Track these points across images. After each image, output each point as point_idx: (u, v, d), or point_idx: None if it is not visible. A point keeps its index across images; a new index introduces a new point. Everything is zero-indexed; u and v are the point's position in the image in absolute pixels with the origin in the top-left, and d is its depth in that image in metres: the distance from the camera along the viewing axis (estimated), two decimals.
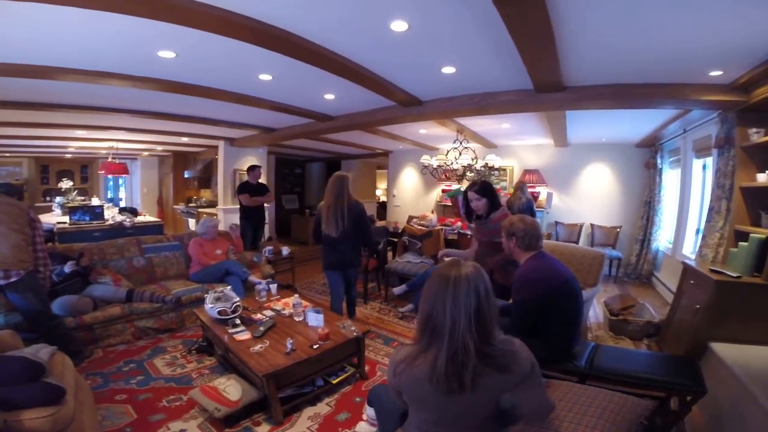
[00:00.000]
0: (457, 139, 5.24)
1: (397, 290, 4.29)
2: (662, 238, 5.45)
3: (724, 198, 3.05)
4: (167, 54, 2.60)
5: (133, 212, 6.72)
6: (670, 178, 5.37)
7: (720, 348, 2.38)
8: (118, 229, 5.68)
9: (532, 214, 4.60)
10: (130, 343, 3.20)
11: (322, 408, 2.37)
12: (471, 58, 2.69)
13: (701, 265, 2.88)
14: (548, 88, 3.09)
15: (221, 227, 5.77)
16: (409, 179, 8.67)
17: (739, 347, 2.36)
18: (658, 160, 5.42)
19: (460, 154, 5.23)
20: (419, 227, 5.35)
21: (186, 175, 9.03)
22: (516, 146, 7.00)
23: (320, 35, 2.32)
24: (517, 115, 4.37)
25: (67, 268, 3.19)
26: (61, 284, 3.13)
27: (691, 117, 3.91)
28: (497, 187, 6.99)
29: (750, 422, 1.79)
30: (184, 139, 6.73)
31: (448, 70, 2.92)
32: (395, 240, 5.76)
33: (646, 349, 3.28)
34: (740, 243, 2.67)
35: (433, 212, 7.35)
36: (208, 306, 2.81)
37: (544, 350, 2.12)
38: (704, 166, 4.31)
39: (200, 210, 7.82)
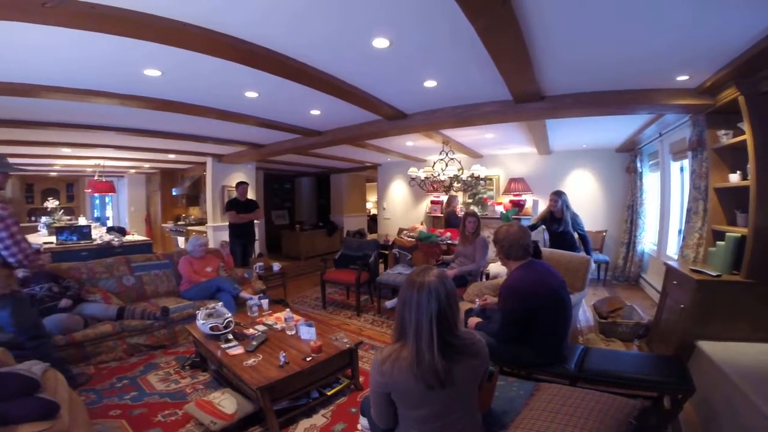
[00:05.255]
0: (443, 151, 5.34)
1: (389, 304, 4.31)
2: (647, 241, 5.57)
3: (701, 199, 3.15)
4: (153, 72, 2.63)
5: (122, 231, 6.64)
6: (651, 181, 5.52)
7: (707, 346, 2.43)
8: (106, 249, 5.60)
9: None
10: (122, 360, 3.20)
11: (318, 419, 2.38)
12: (451, 72, 2.78)
13: (683, 265, 2.96)
14: (526, 98, 3.20)
15: (211, 245, 5.76)
16: (398, 191, 8.75)
17: (725, 345, 2.41)
18: (638, 164, 5.58)
19: (447, 165, 5.32)
20: (409, 239, 5.40)
21: (174, 193, 8.97)
22: (501, 155, 7.13)
23: (304, 53, 2.39)
24: (500, 125, 4.48)
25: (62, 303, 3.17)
26: (48, 303, 3.09)
27: (667, 120, 4.05)
28: (484, 196, 7.11)
29: (743, 419, 1.82)
30: (172, 156, 6.72)
31: (430, 83, 3.01)
32: (386, 252, 5.80)
33: (636, 350, 3.33)
34: (718, 242, 2.76)
35: (422, 224, 7.42)
36: (199, 322, 2.82)
37: (534, 356, 2.16)
38: (681, 168, 4.43)
39: (189, 228, 7.76)
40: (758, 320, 2.44)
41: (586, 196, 6.41)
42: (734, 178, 2.75)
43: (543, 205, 6.71)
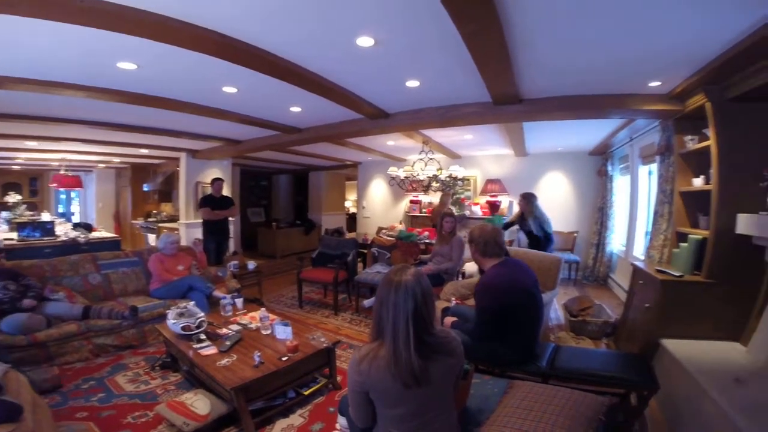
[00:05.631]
0: (423, 150, 5.37)
1: (367, 303, 4.31)
2: (616, 242, 5.78)
3: (667, 202, 3.30)
4: (128, 66, 2.54)
5: (88, 228, 6.37)
6: (621, 184, 5.73)
7: (671, 345, 2.53)
8: (71, 246, 5.37)
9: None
10: (88, 361, 3.08)
11: (296, 419, 2.37)
12: (435, 73, 2.80)
13: (648, 265, 3.08)
14: (506, 100, 3.26)
15: (183, 242, 5.59)
16: (378, 190, 8.75)
17: (688, 343, 2.52)
18: (609, 168, 5.78)
19: (426, 165, 5.36)
20: (388, 238, 5.42)
21: (145, 189, 8.67)
22: (479, 156, 7.25)
23: (287, 50, 2.35)
24: (479, 127, 4.54)
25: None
26: (5, 303, 2.93)
27: (637, 125, 4.21)
28: (461, 197, 7.21)
29: (706, 416, 1.91)
30: (144, 151, 6.49)
31: (413, 83, 3.02)
32: (365, 251, 5.79)
33: (605, 348, 3.45)
34: (681, 244, 2.89)
35: (401, 223, 7.47)
36: (170, 322, 2.76)
37: (509, 353, 2.21)
38: (650, 172, 4.62)
39: (161, 225, 7.51)
40: (718, 319, 2.56)
41: (559, 198, 6.59)
42: (698, 182, 2.89)
43: (518, 207, 6.87)
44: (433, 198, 7.46)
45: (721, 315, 2.56)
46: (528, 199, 4.62)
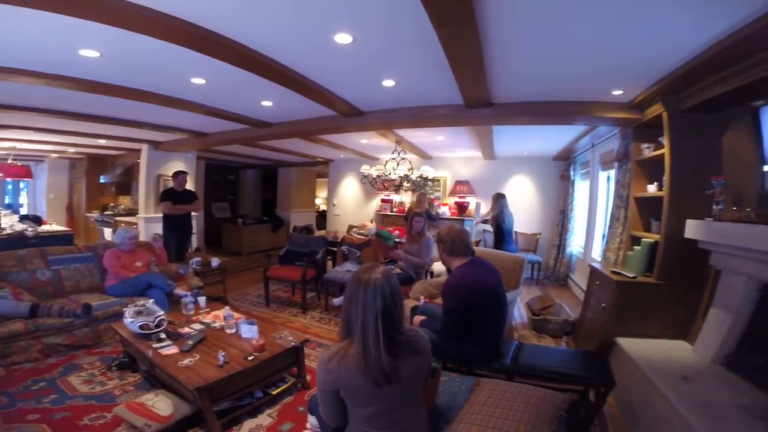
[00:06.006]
0: (395, 150, 5.40)
1: (337, 301, 4.29)
2: (575, 244, 6.06)
3: (623, 207, 3.49)
4: (90, 53, 2.41)
5: (37, 220, 5.94)
6: (581, 189, 6.00)
7: (625, 343, 2.68)
8: (18, 239, 4.98)
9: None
10: (38, 361, 2.89)
11: (264, 419, 2.33)
12: (411, 73, 2.82)
13: (605, 267, 3.25)
14: (477, 103, 3.34)
15: (142, 237, 5.33)
16: (349, 188, 8.71)
17: (640, 341, 2.67)
18: (572, 172, 6.05)
19: (398, 164, 5.39)
20: (359, 236, 5.41)
21: (102, 180, 8.19)
22: (449, 158, 7.38)
23: (262, 43, 2.29)
24: (450, 129, 4.63)
25: None
26: None
27: (599, 132, 4.42)
28: (431, 197, 7.31)
29: (659, 412, 2.02)
30: (102, 141, 6.13)
31: (389, 83, 3.03)
32: (335, 249, 5.75)
33: (565, 345, 3.60)
34: (635, 247, 3.07)
35: (372, 221, 7.47)
36: (128, 320, 2.64)
37: (475, 352, 2.26)
38: (608, 178, 4.85)
39: (118, 219, 7.12)
40: (668, 318, 2.74)
41: (524, 201, 6.83)
42: (652, 188, 3.08)
43: (485, 208, 7.06)
44: (405, 197, 7.52)
45: (671, 315, 2.73)
46: (494, 198, 5.31)
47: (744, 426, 1.66)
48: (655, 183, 3.06)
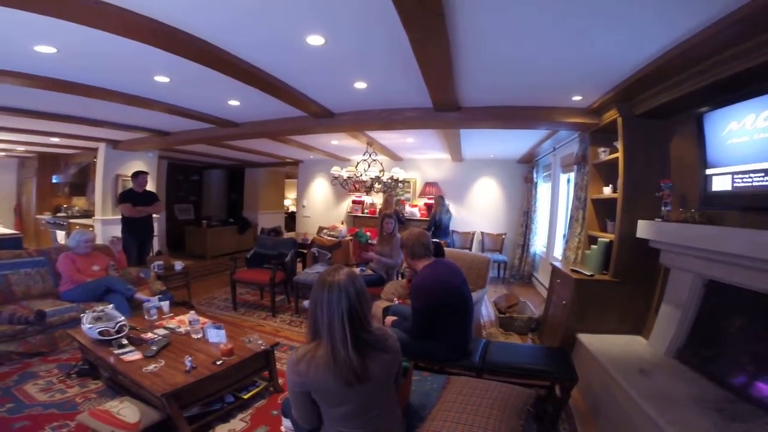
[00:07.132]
0: (366, 151, 5.41)
1: (307, 303, 4.22)
2: (538, 243, 6.30)
3: (581, 208, 3.67)
4: (46, 49, 2.29)
5: None
6: (544, 191, 6.25)
7: (585, 338, 2.81)
8: None
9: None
10: None
11: (237, 424, 2.28)
12: (382, 75, 2.85)
13: (565, 266, 3.40)
14: (445, 107, 3.42)
15: (99, 240, 5.04)
16: (319, 190, 8.63)
17: (600, 337, 2.82)
18: (535, 175, 6.30)
19: (369, 166, 5.41)
20: (329, 238, 5.38)
21: (54, 180, 7.67)
22: (419, 160, 7.48)
23: (230, 41, 2.24)
24: (420, 131, 4.70)
25: None
26: None
27: (560, 136, 4.62)
28: (401, 198, 7.39)
29: (621, 405, 2.13)
30: (55, 140, 5.75)
31: (361, 85, 3.04)
32: (305, 251, 5.69)
33: (531, 342, 3.73)
34: (592, 246, 3.24)
35: (343, 223, 7.45)
36: (86, 326, 2.51)
37: (443, 351, 2.32)
38: (568, 180, 5.07)
39: (72, 221, 6.70)
40: (624, 314, 2.91)
41: (491, 202, 7.05)
42: (607, 190, 3.26)
43: (453, 209, 7.22)
44: (376, 199, 7.54)
45: (626, 311, 2.90)
46: (436, 200, 6.33)
47: (698, 414, 1.79)
48: (611, 185, 3.23)
